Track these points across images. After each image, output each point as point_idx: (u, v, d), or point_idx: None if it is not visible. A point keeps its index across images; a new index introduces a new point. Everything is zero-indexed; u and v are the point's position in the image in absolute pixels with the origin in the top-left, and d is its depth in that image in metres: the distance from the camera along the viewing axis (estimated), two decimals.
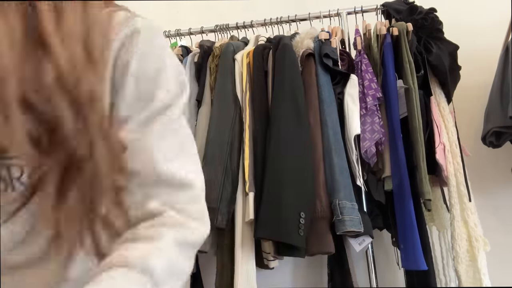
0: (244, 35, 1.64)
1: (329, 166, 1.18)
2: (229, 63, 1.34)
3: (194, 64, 1.40)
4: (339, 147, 1.19)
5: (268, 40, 1.45)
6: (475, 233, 1.25)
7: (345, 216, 1.11)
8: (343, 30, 1.52)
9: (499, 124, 1.41)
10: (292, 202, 1.09)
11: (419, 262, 1.12)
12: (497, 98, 1.46)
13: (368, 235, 1.17)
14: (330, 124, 1.22)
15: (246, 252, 1.14)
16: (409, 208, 1.17)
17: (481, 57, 1.74)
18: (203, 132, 1.26)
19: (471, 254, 1.25)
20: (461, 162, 1.31)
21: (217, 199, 1.14)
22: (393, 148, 1.25)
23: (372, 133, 1.25)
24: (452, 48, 1.42)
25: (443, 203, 1.39)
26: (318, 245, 1.12)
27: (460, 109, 1.54)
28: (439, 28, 1.41)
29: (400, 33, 1.35)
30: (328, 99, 1.26)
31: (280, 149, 1.14)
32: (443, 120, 1.37)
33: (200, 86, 1.36)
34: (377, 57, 1.39)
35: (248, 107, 1.26)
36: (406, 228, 1.17)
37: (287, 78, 1.24)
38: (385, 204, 1.35)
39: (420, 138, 1.24)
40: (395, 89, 1.30)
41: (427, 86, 1.36)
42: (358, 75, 1.33)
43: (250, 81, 1.31)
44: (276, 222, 1.07)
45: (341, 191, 1.14)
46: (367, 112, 1.29)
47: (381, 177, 1.30)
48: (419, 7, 1.43)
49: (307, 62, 1.32)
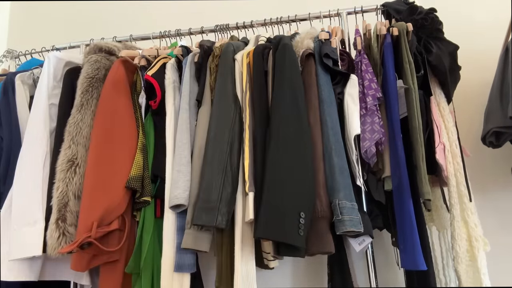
0: (244, 35, 1.64)
1: (329, 166, 1.18)
2: (229, 63, 1.34)
3: (194, 64, 1.40)
4: (339, 147, 1.19)
5: (268, 40, 1.45)
6: (475, 233, 1.25)
7: (345, 216, 1.11)
8: (343, 30, 1.52)
9: (499, 124, 1.42)
10: (292, 202, 1.09)
11: (418, 262, 1.12)
12: (497, 98, 1.46)
13: (368, 235, 1.17)
14: (330, 124, 1.22)
15: (246, 252, 1.14)
16: (409, 208, 1.17)
17: (481, 57, 1.75)
18: (203, 132, 1.26)
19: (471, 254, 1.25)
20: (461, 162, 1.31)
21: (217, 199, 1.14)
22: (393, 148, 1.25)
23: (372, 133, 1.25)
24: (452, 48, 1.42)
25: (443, 203, 1.39)
26: (318, 245, 1.12)
27: (460, 109, 1.54)
28: (439, 28, 1.41)
29: (400, 33, 1.35)
30: (328, 99, 1.25)
31: (280, 149, 1.14)
32: (443, 120, 1.37)
33: (200, 86, 1.36)
34: (377, 57, 1.39)
35: (248, 107, 1.26)
36: (406, 228, 1.17)
37: (287, 78, 1.24)
38: (385, 204, 1.35)
39: (420, 138, 1.24)
40: (395, 89, 1.30)
41: (427, 86, 1.36)
42: (358, 75, 1.33)
43: (250, 81, 1.31)
44: (276, 222, 1.07)
45: (341, 191, 1.14)
46: (367, 112, 1.29)
47: (381, 177, 1.30)
48: (419, 7, 1.43)
49: (307, 62, 1.32)
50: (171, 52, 1.49)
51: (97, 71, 1.40)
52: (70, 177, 1.24)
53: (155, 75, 1.35)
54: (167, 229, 1.21)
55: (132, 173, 1.25)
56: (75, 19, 2.32)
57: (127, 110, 1.35)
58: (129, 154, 1.28)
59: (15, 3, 2.45)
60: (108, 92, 1.34)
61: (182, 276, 1.17)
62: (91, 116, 1.34)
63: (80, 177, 1.25)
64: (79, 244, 1.14)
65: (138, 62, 1.45)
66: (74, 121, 1.32)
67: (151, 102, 1.35)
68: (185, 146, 1.25)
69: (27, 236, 1.23)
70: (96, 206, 1.19)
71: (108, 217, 1.21)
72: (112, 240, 1.23)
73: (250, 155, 1.20)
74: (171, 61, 1.42)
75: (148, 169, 1.30)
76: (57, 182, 1.25)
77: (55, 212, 1.21)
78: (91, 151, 1.26)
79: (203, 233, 1.17)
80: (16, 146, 1.41)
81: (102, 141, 1.27)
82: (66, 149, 1.28)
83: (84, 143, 1.30)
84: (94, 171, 1.23)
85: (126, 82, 1.39)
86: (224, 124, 1.24)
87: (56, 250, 1.18)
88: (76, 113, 1.33)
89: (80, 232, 1.16)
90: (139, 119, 1.36)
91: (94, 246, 1.17)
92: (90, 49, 1.46)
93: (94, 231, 1.16)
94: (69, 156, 1.27)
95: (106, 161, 1.25)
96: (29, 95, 1.54)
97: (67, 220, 1.21)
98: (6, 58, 1.88)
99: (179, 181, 1.20)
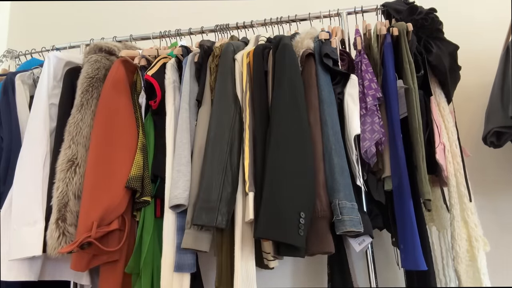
0: (244, 35, 1.64)
1: (329, 166, 1.18)
2: (229, 63, 1.34)
3: (194, 64, 1.40)
4: (339, 147, 1.19)
5: (268, 40, 1.45)
6: (475, 233, 1.25)
7: (345, 216, 1.11)
8: (343, 30, 1.52)
9: (499, 124, 1.41)
10: (292, 202, 1.09)
11: (419, 262, 1.12)
12: (498, 98, 1.46)
13: (368, 235, 1.17)
14: (330, 124, 1.22)
15: (245, 252, 1.14)
16: (409, 208, 1.17)
17: (482, 57, 1.75)
18: (203, 132, 1.26)
19: (471, 254, 1.25)
20: (461, 162, 1.31)
21: (217, 199, 1.14)
22: (393, 148, 1.25)
23: (372, 133, 1.25)
24: (452, 48, 1.42)
25: (443, 203, 1.39)
26: (318, 245, 1.12)
27: (460, 109, 1.54)
28: (439, 28, 1.41)
29: (400, 33, 1.35)
30: (328, 99, 1.25)
31: (280, 149, 1.14)
32: (443, 120, 1.37)
33: (200, 86, 1.36)
34: (377, 57, 1.39)
35: (248, 107, 1.26)
36: (406, 228, 1.17)
37: (287, 78, 1.24)
38: (385, 204, 1.35)
39: (420, 138, 1.24)
40: (395, 89, 1.30)
41: (427, 86, 1.36)
42: (358, 75, 1.33)
43: (250, 81, 1.31)
44: (276, 222, 1.07)
45: (341, 191, 1.14)
46: (367, 112, 1.29)
47: (381, 177, 1.30)
48: (419, 7, 1.43)
49: (307, 62, 1.32)
50: (171, 52, 1.49)
51: (97, 71, 1.39)
52: (70, 177, 1.24)
53: (155, 75, 1.35)
54: (167, 229, 1.21)
55: (132, 173, 1.25)
56: (75, 19, 2.32)
57: (127, 110, 1.35)
58: (129, 154, 1.28)
59: (15, 3, 2.45)
60: (108, 92, 1.34)
61: (182, 276, 1.17)
62: (91, 116, 1.34)
63: (80, 177, 1.25)
64: (79, 244, 1.14)
65: (138, 62, 1.45)
66: (74, 121, 1.31)
67: (151, 102, 1.35)
68: (185, 146, 1.25)
69: (27, 236, 1.23)
70: (96, 206, 1.19)
71: (108, 217, 1.21)
72: (112, 240, 1.23)
73: (250, 155, 1.20)
74: (171, 61, 1.42)
75: (148, 169, 1.29)
76: (57, 182, 1.25)
77: (55, 212, 1.21)
78: (91, 151, 1.26)
79: (203, 233, 1.17)
80: (16, 146, 1.41)
81: (102, 141, 1.27)
82: (66, 149, 1.28)
83: (84, 143, 1.30)
84: (94, 171, 1.23)
85: (126, 82, 1.39)
86: (224, 124, 1.24)
87: (56, 250, 1.18)
88: (76, 113, 1.33)
89: (80, 232, 1.16)
90: (139, 119, 1.36)
91: (94, 246, 1.17)
92: (90, 49, 1.46)
93: (94, 231, 1.16)
94: (69, 156, 1.27)
95: (106, 161, 1.25)
96: (29, 95, 1.54)
97: (67, 220, 1.21)
98: (6, 58, 1.88)
99: (179, 181, 1.20)
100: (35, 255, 1.22)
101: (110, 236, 1.23)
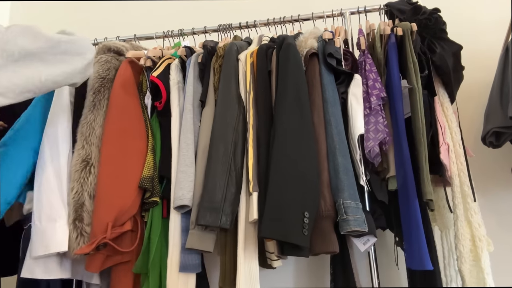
0: (247, 35, 1.64)
1: (333, 165, 1.17)
2: (232, 63, 1.34)
3: (197, 64, 1.40)
4: (343, 147, 1.19)
5: (271, 39, 1.45)
6: (478, 233, 1.25)
7: (349, 215, 1.11)
8: (346, 30, 1.52)
9: (499, 124, 1.42)
10: (296, 202, 1.09)
11: (425, 261, 1.12)
12: (497, 98, 1.46)
13: (372, 234, 1.17)
14: (334, 123, 1.22)
15: (249, 252, 1.14)
16: (415, 208, 1.17)
17: (482, 57, 1.75)
18: (207, 132, 1.26)
19: (474, 254, 1.25)
20: (465, 162, 1.31)
21: (221, 200, 1.14)
22: (397, 148, 1.25)
23: (376, 133, 1.25)
24: (456, 48, 1.42)
25: (445, 202, 1.39)
26: (322, 245, 1.12)
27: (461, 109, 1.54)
28: (443, 29, 1.41)
29: (404, 33, 1.35)
30: (332, 98, 1.25)
31: (284, 149, 1.14)
32: (447, 120, 1.37)
33: (203, 87, 1.36)
34: (381, 57, 1.39)
35: (252, 107, 1.26)
36: (411, 228, 1.17)
37: (291, 78, 1.23)
38: (388, 204, 1.35)
39: (423, 138, 1.24)
40: (399, 89, 1.29)
41: (431, 87, 1.36)
42: (362, 75, 1.33)
43: (254, 81, 1.30)
44: (280, 222, 1.07)
45: (346, 191, 1.14)
46: (371, 111, 1.29)
47: (385, 177, 1.31)
48: (423, 7, 1.43)
49: (311, 62, 1.32)
50: (174, 52, 1.48)
51: (108, 71, 1.39)
52: (85, 177, 1.23)
53: (160, 76, 1.35)
54: (172, 229, 1.21)
55: (145, 173, 1.25)
56: (76, 19, 2.31)
57: (136, 111, 1.35)
58: (140, 155, 1.28)
59: (15, 3, 2.45)
60: (118, 92, 1.33)
61: (187, 276, 1.17)
62: (103, 117, 1.33)
63: (94, 177, 1.24)
64: (96, 245, 1.13)
65: (144, 63, 1.44)
66: (87, 121, 1.31)
67: (156, 102, 1.35)
68: (189, 146, 1.25)
69: (52, 232, 1.19)
70: (110, 207, 1.19)
71: (121, 218, 1.21)
72: (125, 241, 1.23)
73: (254, 155, 1.20)
74: (175, 62, 1.41)
75: (157, 170, 1.30)
76: (72, 182, 1.23)
77: (72, 213, 1.20)
78: (103, 152, 1.26)
79: (207, 233, 1.17)
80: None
81: (113, 142, 1.27)
82: (80, 150, 1.27)
83: (97, 144, 1.29)
84: (107, 171, 1.23)
85: (133, 82, 1.39)
86: (228, 124, 1.24)
87: (74, 251, 1.17)
88: (88, 113, 1.32)
89: (95, 233, 1.16)
90: (147, 120, 1.36)
91: (109, 247, 1.17)
92: (99, 49, 1.45)
93: (109, 232, 1.16)
94: (83, 156, 1.26)
95: (119, 162, 1.24)
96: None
97: (84, 220, 1.20)
98: None
99: (183, 182, 1.20)
100: (60, 251, 1.19)
101: (123, 237, 1.23)
